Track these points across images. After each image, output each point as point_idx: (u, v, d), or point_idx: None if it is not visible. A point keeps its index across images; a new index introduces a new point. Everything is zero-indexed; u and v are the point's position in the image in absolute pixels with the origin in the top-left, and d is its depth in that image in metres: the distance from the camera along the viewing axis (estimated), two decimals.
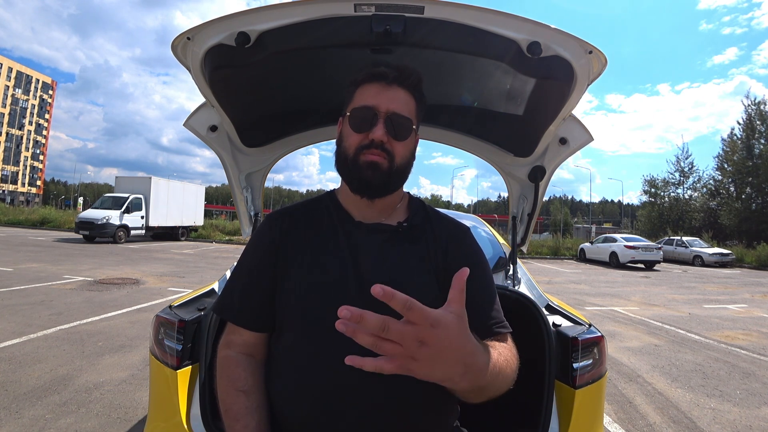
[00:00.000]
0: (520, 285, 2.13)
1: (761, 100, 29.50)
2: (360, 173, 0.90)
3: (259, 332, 0.94)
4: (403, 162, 0.92)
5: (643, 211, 36.17)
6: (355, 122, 0.90)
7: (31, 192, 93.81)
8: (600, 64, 1.18)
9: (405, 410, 0.83)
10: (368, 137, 0.89)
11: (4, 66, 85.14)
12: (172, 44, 1.19)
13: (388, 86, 0.90)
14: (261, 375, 0.92)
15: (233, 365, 0.91)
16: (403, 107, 0.90)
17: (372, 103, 0.89)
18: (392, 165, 0.90)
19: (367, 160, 0.89)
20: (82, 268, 9.53)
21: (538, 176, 1.89)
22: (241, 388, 0.88)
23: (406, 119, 0.90)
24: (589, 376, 1.43)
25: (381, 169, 0.89)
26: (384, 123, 0.89)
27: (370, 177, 0.89)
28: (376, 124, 0.88)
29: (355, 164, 0.90)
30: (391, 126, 0.89)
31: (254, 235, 1.03)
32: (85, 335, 4.51)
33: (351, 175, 0.92)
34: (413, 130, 0.93)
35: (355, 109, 0.91)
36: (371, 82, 0.91)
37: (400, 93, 0.91)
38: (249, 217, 2.18)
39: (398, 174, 0.92)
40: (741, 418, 3.20)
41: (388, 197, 0.97)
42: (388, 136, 0.89)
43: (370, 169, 0.89)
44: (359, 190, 0.92)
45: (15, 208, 31.40)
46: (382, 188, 0.92)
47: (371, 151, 0.89)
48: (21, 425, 2.59)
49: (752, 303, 9.11)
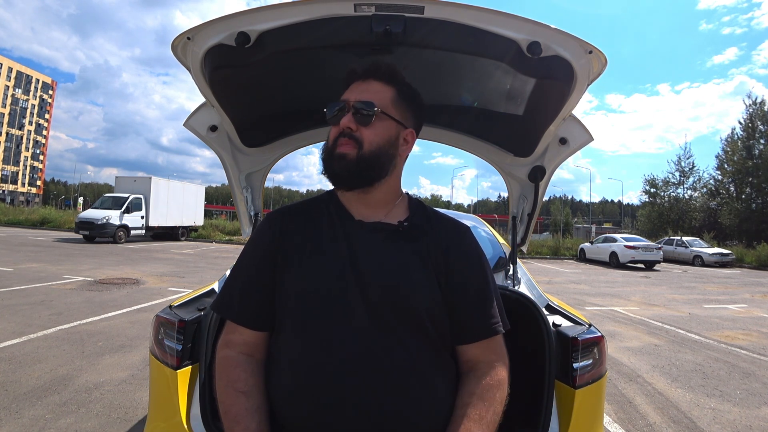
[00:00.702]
0: (520, 285, 2.13)
1: (762, 100, 29.56)
2: (332, 164, 0.93)
3: (259, 331, 0.94)
4: (372, 149, 0.92)
5: (643, 211, 36.15)
6: (330, 116, 0.96)
7: (31, 192, 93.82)
8: (600, 64, 1.18)
9: (406, 410, 0.83)
10: (340, 127, 0.93)
11: (4, 66, 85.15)
12: (172, 44, 1.19)
13: (362, 81, 0.96)
14: (261, 375, 0.91)
15: (233, 366, 0.91)
16: (371, 96, 0.93)
17: (345, 97, 0.95)
18: (361, 153, 0.92)
19: (338, 151, 0.92)
20: (82, 268, 9.53)
21: (538, 176, 1.89)
22: (241, 389, 0.87)
23: (368, 103, 0.92)
24: (589, 376, 1.43)
25: (347, 158, 0.91)
26: (352, 111, 0.92)
27: (337, 167, 0.92)
28: (345, 114, 0.93)
29: (330, 156, 0.94)
30: (357, 113, 0.92)
31: (254, 233, 1.03)
32: (85, 335, 4.51)
33: (325, 167, 0.95)
34: (377, 113, 0.92)
35: (330, 104, 0.96)
36: (349, 82, 0.97)
37: (374, 84, 0.95)
38: (249, 217, 2.18)
39: (369, 161, 0.92)
40: (741, 418, 3.20)
41: (377, 191, 0.96)
42: (357, 124, 0.92)
43: (339, 158, 0.92)
44: (334, 182, 0.95)
45: (15, 208, 31.42)
46: (353, 178, 0.93)
47: (341, 141, 0.92)
48: (21, 425, 2.59)
49: (752, 303, 9.11)
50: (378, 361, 0.83)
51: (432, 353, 0.90)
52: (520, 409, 1.45)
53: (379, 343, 0.84)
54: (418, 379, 0.86)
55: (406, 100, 0.98)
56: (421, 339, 0.88)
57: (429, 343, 0.89)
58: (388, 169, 0.96)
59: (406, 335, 0.86)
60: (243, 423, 0.84)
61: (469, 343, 0.93)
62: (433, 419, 0.86)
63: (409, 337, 0.87)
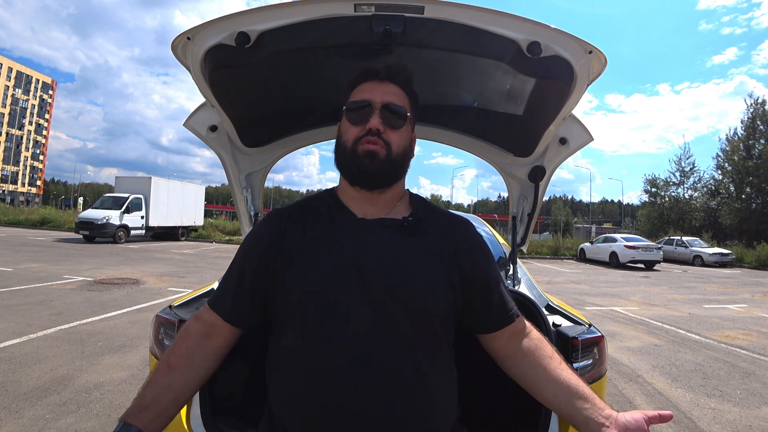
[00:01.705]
0: (520, 285, 2.13)
1: (763, 99, 29.55)
2: (358, 162, 0.92)
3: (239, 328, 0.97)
4: (399, 152, 0.94)
5: (644, 211, 36.17)
6: (352, 115, 0.94)
7: (31, 192, 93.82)
8: (600, 64, 1.18)
9: (407, 410, 0.83)
10: (365, 128, 0.92)
11: (4, 66, 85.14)
12: (172, 44, 1.19)
13: (380, 82, 0.96)
14: (200, 357, 0.93)
15: (180, 339, 0.95)
16: (396, 99, 0.95)
17: (367, 96, 0.93)
18: (390, 153, 0.92)
19: (366, 149, 0.91)
20: (82, 268, 9.53)
21: (538, 176, 1.89)
22: (170, 362, 0.91)
23: (400, 107, 0.94)
24: (589, 376, 1.43)
25: (379, 157, 0.91)
26: (379, 113, 0.92)
27: (368, 165, 0.91)
28: (372, 114, 0.92)
29: (353, 154, 0.92)
30: (386, 115, 0.92)
31: (252, 232, 1.03)
32: (85, 335, 4.51)
33: (350, 165, 0.93)
34: (408, 119, 0.96)
35: (351, 102, 0.95)
36: (365, 81, 0.97)
37: (393, 87, 0.96)
38: (249, 217, 2.18)
39: (396, 164, 0.94)
40: (741, 418, 3.20)
41: (389, 191, 0.97)
42: (384, 126, 0.92)
43: (368, 157, 0.91)
44: (358, 180, 0.94)
45: (15, 208, 31.41)
46: (382, 177, 0.94)
47: (368, 139, 0.91)
48: (21, 425, 2.59)
49: (752, 303, 9.11)
50: (381, 363, 0.82)
51: (437, 353, 0.90)
52: (520, 409, 1.45)
53: (383, 345, 0.84)
54: (422, 382, 0.85)
55: (413, 102, 1.00)
56: (427, 339, 0.88)
57: (435, 342, 0.89)
58: (406, 170, 1.00)
59: (412, 335, 0.86)
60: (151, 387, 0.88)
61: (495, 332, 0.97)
62: (435, 422, 0.86)
63: (415, 338, 0.86)
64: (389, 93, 0.94)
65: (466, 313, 0.96)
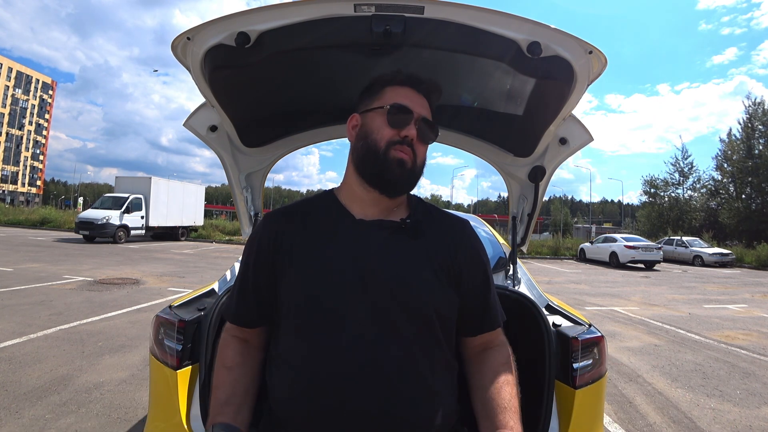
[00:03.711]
0: (520, 285, 2.13)
1: (761, 100, 29.55)
2: (389, 168, 0.92)
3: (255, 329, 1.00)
4: (421, 164, 0.98)
5: (643, 211, 36.17)
6: (392, 118, 0.94)
7: (31, 192, 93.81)
8: (600, 64, 1.18)
9: (408, 409, 0.83)
10: (400, 134, 0.93)
11: (4, 66, 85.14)
12: (171, 44, 1.18)
13: (417, 93, 0.98)
14: (249, 356, 0.98)
15: (224, 346, 0.99)
16: (429, 115, 0.99)
17: (408, 104, 0.95)
18: (415, 164, 0.95)
19: (398, 156, 0.93)
20: (82, 268, 9.53)
21: (538, 176, 1.89)
22: (227, 364, 0.96)
23: (433, 125, 0.98)
24: (589, 376, 1.43)
25: (407, 166, 0.93)
26: (416, 124, 0.94)
27: (398, 174, 0.93)
28: (409, 123, 0.94)
29: (385, 159, 0.93)
30: (422, 128, 0.95)
31: (253, 234, 1.03)
32: (85, 335, 4.51)
33: (377, 169, 0.94)
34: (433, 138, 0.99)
35: (393, 105, 0.94)
36: (404, 85, 0.97)
37: (425, 102, 0.99)
38: (249, 217, 2.18)
39: (417, 175, 0.97)
40: (741, 418, 3.20)
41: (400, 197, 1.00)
42: (417, 138, 0.95)
43: (399, 166, 0.92)
44: (380, 184, 0.95)
45: (15, 208, 31.44)
46: (406, 185, 0.96)
47: (402, 148, 0.93)
48: (21, 425, 2.59)
49: (752, 303, 9.11)
50: (381, 363, 0.83)
51: (436, 354, 0.90)
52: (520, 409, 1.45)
53: (383, 345, 0.84)
54: (422, 382, 0.85)
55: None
56: (427, 339, 0.88)
57: (435, 343, 0.89)
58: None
59: (412, 336, 0.86)
60: (221, 389, 0.92)
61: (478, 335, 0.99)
62: (434, 421, 0.86)
63: (415, 338, 0.86)
64: (425, 107, 0.98)
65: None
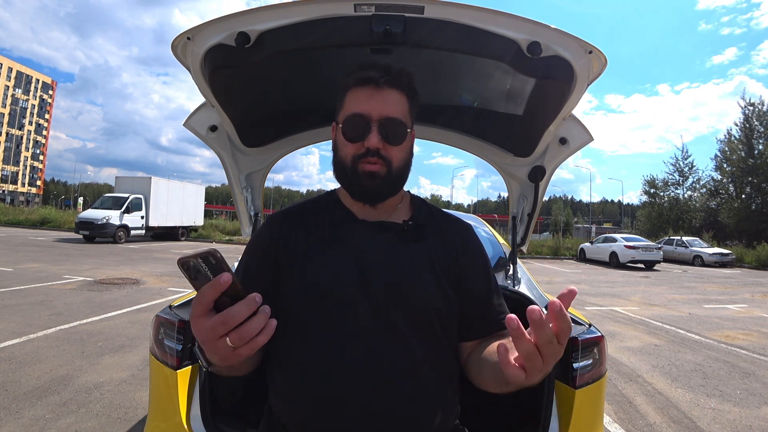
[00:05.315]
0: (520, 285, 2.13)
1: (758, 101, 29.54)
2: (360, 182, 0.90)
3: None
4: (400, 165, 0.92)
5: (643, 211, 36.15)
6: (347, 132, 0.89)
7: (31, 192, 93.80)
8: (600, 64, 1.18)
9: (409, 409, 0.83)
10: (363, 146, 0.88)
11: (4, 66, 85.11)
12: (172, 44, 1.19)
13: (378, 89, 0.88)
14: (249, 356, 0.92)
15: None
16: (396, 110, 0.89)
17: (363, 110, 0.87)
18: (390, 171, 0.90)
19: (366, 170, 0.88)
20: (82, 268, 9.53)
21: (538, 176, 1.89)
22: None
23: (400, 123, 0.89)
24: (589, 376, 1.43)
25: (379, 176, 0.89)
26: (378, 130, 0.87)
27: (369, 185, 0.89)
28: (370, 131, 0.87)
29: (354, 174, 0.90)
30: (385, 132, 0.87)
31: (254, 236, 1.03)
32: (85, 335, 4.51)
33: (350, 183, 0.92)
34: (408, 133, 0.92)
35: (346, 118, 0.89)
36: (361, 86, 0.89)
37: (393, 94, 0.89)
38: (249, 217, 2.18)
39: (397, 178, 0.93)
40: (741, 418, 3.20)
41: (390, 199, 0.97)
42: (383, 143, 0.88)
43: (371, 178, 0.89)
44: (360, 197, 0.93)
45: (15, 208, 31.43)
46: (385, 194, 0.93)
47: (368, 160, 0.88)
48: (21, 425, 2.59)
49: (752, 303, 9.11)
50: (381, 363, 0.82)
51: (437, 354, 0.89)
52: (521, 409, 1.45)
53: (383, 345, 0.83)
54: (422, 382, 0.85)
55: (414, 104, 0.96)
56: (427, 340, 0.88)
57: (435, 344, 0.89)
58: (407, 178, 0.97)
59: (412, 336, 0.86)
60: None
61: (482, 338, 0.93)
62: (434, 421, 0.86)
63: (415, 338, 0.86)
64: (388, 103, 0.88)
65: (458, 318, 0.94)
